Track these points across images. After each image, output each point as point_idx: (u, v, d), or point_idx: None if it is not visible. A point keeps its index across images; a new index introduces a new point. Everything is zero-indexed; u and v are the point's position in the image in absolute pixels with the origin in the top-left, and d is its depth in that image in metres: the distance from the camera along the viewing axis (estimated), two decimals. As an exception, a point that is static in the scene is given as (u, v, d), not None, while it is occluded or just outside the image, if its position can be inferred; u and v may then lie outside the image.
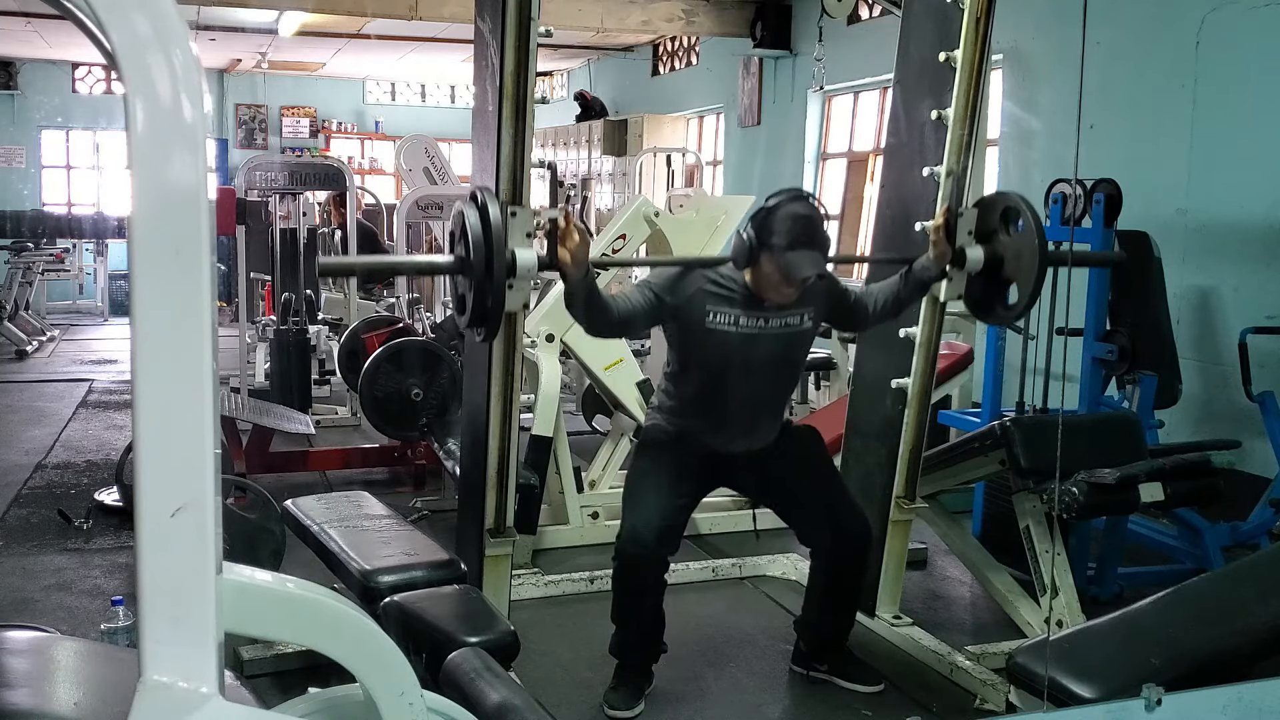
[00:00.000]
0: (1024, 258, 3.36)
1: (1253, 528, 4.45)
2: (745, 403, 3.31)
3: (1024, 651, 2.71)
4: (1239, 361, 4.72)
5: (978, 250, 3.44)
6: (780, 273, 3.10)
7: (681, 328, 3.26)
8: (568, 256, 2.91)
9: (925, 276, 3.41)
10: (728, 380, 3.27)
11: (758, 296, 3.20)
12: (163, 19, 0.99)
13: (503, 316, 2.97)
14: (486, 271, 2.86)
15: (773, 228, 3.09)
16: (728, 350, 3.22)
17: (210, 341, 1.04)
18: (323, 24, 10.89)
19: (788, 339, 3.29)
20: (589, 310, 3.07)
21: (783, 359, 3.33)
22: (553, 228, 2.92)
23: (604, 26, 9.91)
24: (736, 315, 3.20)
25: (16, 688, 1.54)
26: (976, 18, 3.47)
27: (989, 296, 3.53)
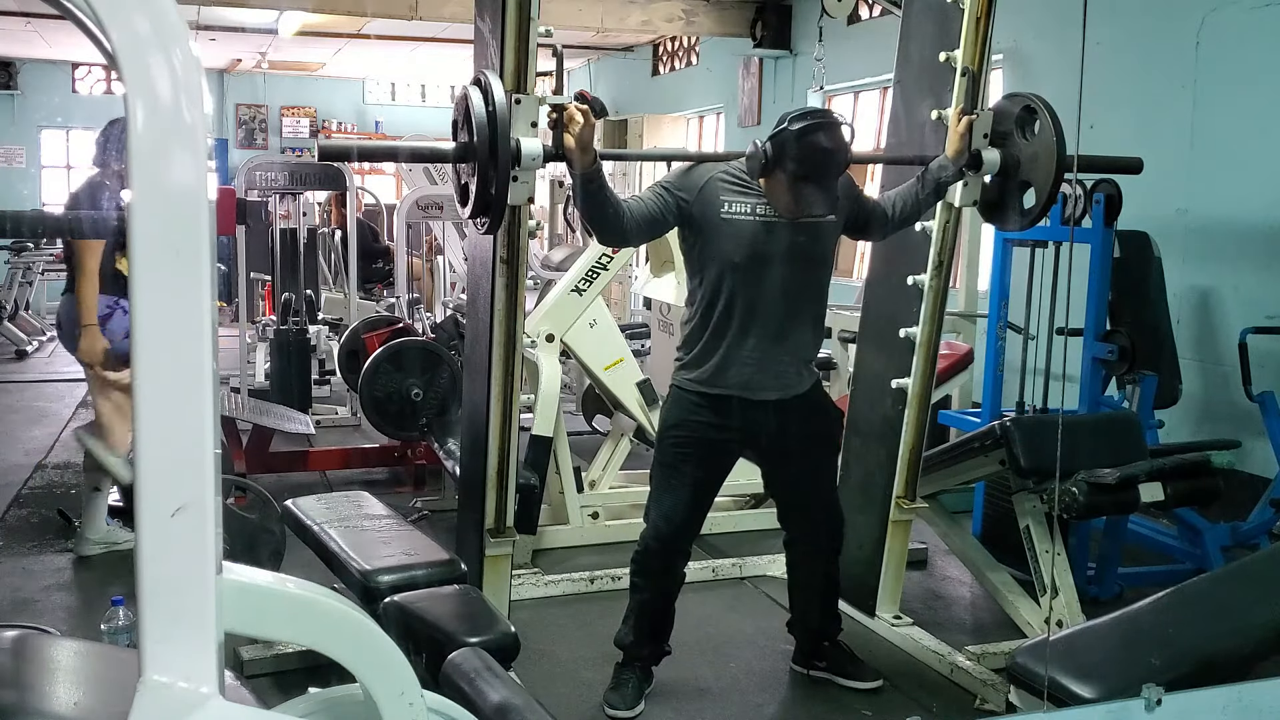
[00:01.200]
0: (1041, 159, 3.28)
1: (1253, 528, 4.45)
2: (772, 309, 3.11)
3: (1024, 651, 2.71)
4: (1239, 361, 4.72)
5: (994, 153, 3.37)
6: (791, 200, 3.00)
7: (696, 224, 3.09)
8: (573, 143, 2.81)
9: (942, 176, 3.32)
10: (751, 280, 3.08)
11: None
12: (163, 19, 0.99)
13: (506, 208, 2.86)
14: (490, 158, 2.76)
15: (791, 154, 2.96)
16: (747, 241, 3.05)
17: (210, 342, 1.04)
18: (323, 24, 10.90)
19: (809, 229, 3.10)
20: (600, 205, 2.91)
21: (806, 253, 3.13)
22: (558, 115, 2.82)
23: (604, 26, 9.92)
24: (753, 204, 3.06)
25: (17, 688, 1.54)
26: (976, 18, 3.47)
27: (1005, 200, 3.45)
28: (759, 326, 3.13)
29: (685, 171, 3.14)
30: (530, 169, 2.88)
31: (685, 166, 3.18)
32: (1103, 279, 4.46)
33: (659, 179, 3.21)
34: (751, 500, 5.10)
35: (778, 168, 3.00)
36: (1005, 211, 3.48)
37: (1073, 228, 4.50)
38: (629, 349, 5.05)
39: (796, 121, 2.99)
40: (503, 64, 3.04)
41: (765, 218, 3.08)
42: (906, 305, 3.71)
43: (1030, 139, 3.35)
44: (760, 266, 3.08)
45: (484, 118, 2.77)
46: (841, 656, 3.56)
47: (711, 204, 3.07)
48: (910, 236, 3.68)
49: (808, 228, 3.11)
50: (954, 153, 3.32)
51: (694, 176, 3.11)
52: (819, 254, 3.20)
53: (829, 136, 2.99)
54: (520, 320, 3.24)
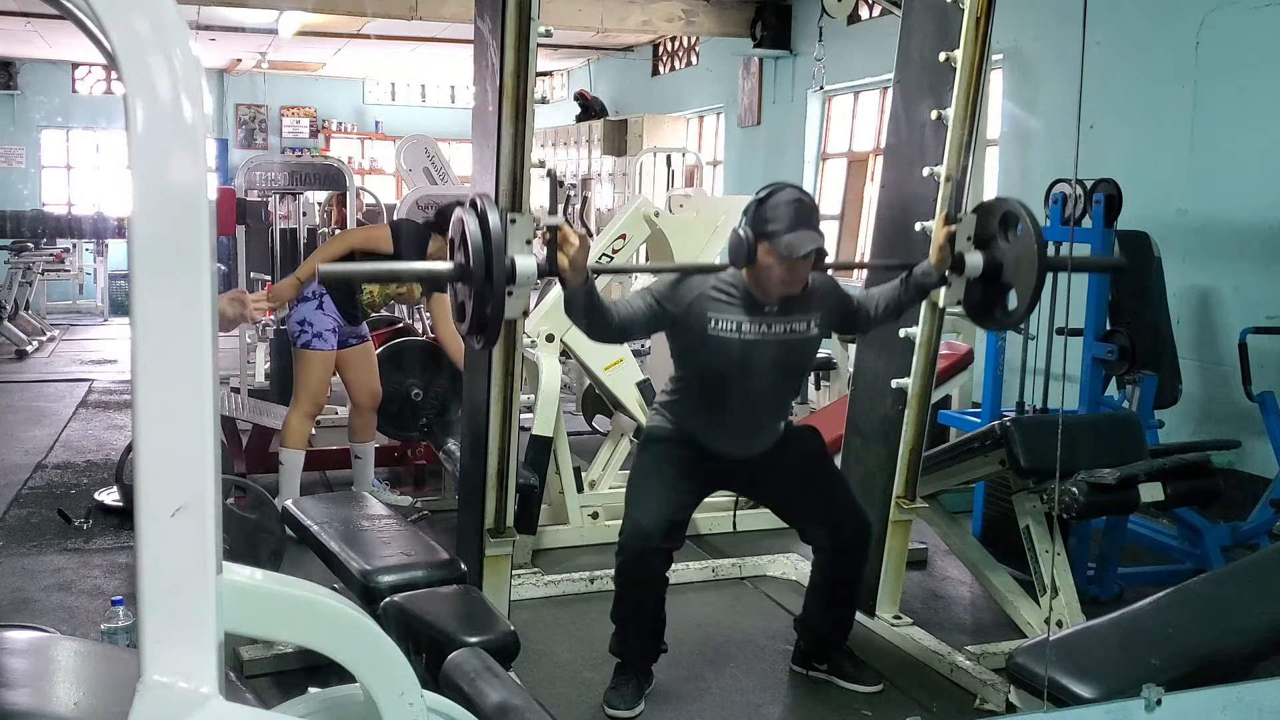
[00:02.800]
0: (1023, 263, 3.35)
1: (1253, 528, 4.45)
2: (748, 409, 3.29)
3: (1024, 651, 2.71)
4: (1239, 361, 4.72)
5: (977, 256, 3.42)
6: (779, 258, 3.07)
7: (684, 334, 3.24)
8: (567, 263, 2.90)
9: (926, 282, 3.40)
10: (731, 386, 3.24)
11: (760, 299, 3.18)
12: (163, 19, 0.99)
13: (502, 324, 2.95)
14: (486, 279, 2.84)
15: (766, 215, 3.08)
16: (730, 356, 3.20)
17: (210, 341, 1.04)
18: (323, 24, 10.89)
19: (791, 345, 3.26)
20: (589, 317, 3.06)
21: (786, 365, 3.31)
22: (552, 234, 2.92)
23: (604, 26, 9.92)
24: (739, 321, 3.18)
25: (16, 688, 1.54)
26: (976, 18, 3.47)
27: (988, 302, 3.50)
28: (735, 415, 3.31)
29: (675, 283, 3.25)
30: (526, 286, 2.98)
31: (674, 279, 3.28)
32: (1103, 279, 4.46)
33: (650, 287, 3.30)
34: (752, 500, 5.09)
35: (759, 237, 3.10)
36: (989, 312, 3.53)
37: (1073, 228, 4.50)
38: (629, 349, 5.04)
39: (761, 191, 3.16)
40: (502, 64, 3.04)
41: (750, 335, 3.20)
42: (906, 305, 3.71)
43: (1012, 241, 3.39)
44: (743, 377, 3.23)
45: (479, 240, 2.87)
46: (842, 658, 3.56)
47: (699, 319, 3.19)
48: (910, 236, 3.68)
49: (791, 342, 3.26)
50: (937, 261, 3.37)
51: (683, 290, 3.22)
52: (799, 365, 3.41)
53: (794, 190, 3.16)
54: (520, 320, 3.24)
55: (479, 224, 2.88)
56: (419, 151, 9.60)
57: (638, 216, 4.96)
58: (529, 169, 3.14)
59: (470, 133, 3.37)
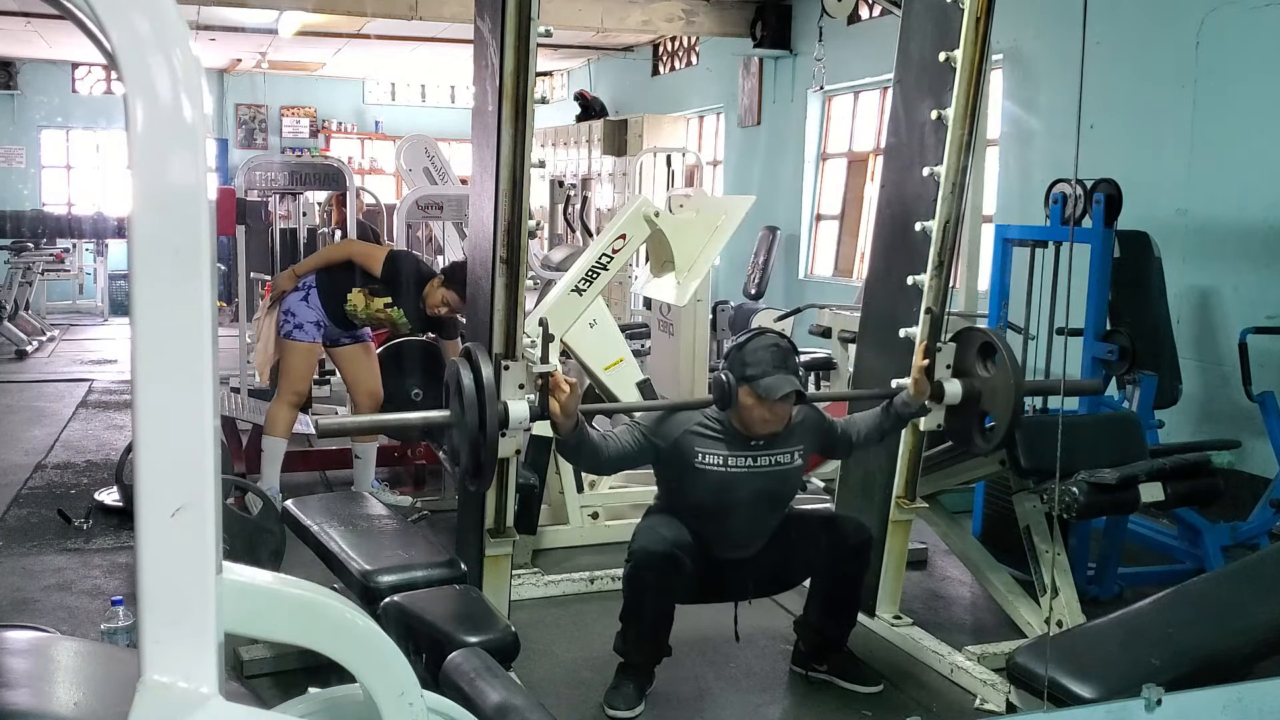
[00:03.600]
0: (1000, 393, 3.49)
1: (1253, 528, 4.45)
2: (737, 533, 3.39)
3: (1024, 651, 2.71)
4: (1239, 361, 4.72)
5: (956, 385, 3.56)
6: (759, 400, 3.18)
7: (671, 468, 3.34)
8: (558, 408, 3.03)
9: (906, 412, 3.52)
10: (719, 516, 3.34)
11: (744, 434, 3.28)
12: (163, 19, 0.99)
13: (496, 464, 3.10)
14: (480, 428, 2.99)
15: (745, 360, 3.20)
16: (718, 489, 3.29)
17: (210, 341, 1.04)
18: (323, 24, 10.90)
19: (777, 476, 3.35)
20: (581, 456, 3.22)
21: (772, 494, 3.40)
22: (544, 381, 3.05)
23: (604, 26, 9.92)
24: (725, 455, 3.29)
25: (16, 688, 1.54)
26: (976, 18, 3.47)
27: (967, 427, 3.64)
28: (724, 542, 3.39)
29: (661, 420, 3.36)
30: (518, 429, 3.13)
31: (660, 415, 3.40)
32: (1103, 279, 4.46)
33: (638, 422, 3.41)
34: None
35: (740, 381, 3.20)
36: (969, 435, 3.65)
37: (1073, 228, 4.50)
38: (629, 349, 5.04)
39: (739, 338, 3.31)
40: (502, 64, 3.04)
41: (737, 469, 3.30)
42: (906, 305, 3.71)
43: (990, 371, 3.50)
44: (730, 506, 3.33)
45: (473, 392, 3.02)
46: (842, 658, 3.56)
47: (686, 454, 3.29)
48: (910, 236, 3.68)
49: (776, 474, 3.35)
50: (916, 392, 3.48)
51: (669, 426, 3.32)
52: (785, 494, 3.47)
53: (770, 336, 3.30)
54: (520, 320, 3.25)
55: (473, 375, 3.02)
56: (419, 151, 9.61)
57: (638, 216, 4.95)
58: (529, 169, 3.14)
59: (470, 133, 3.37)
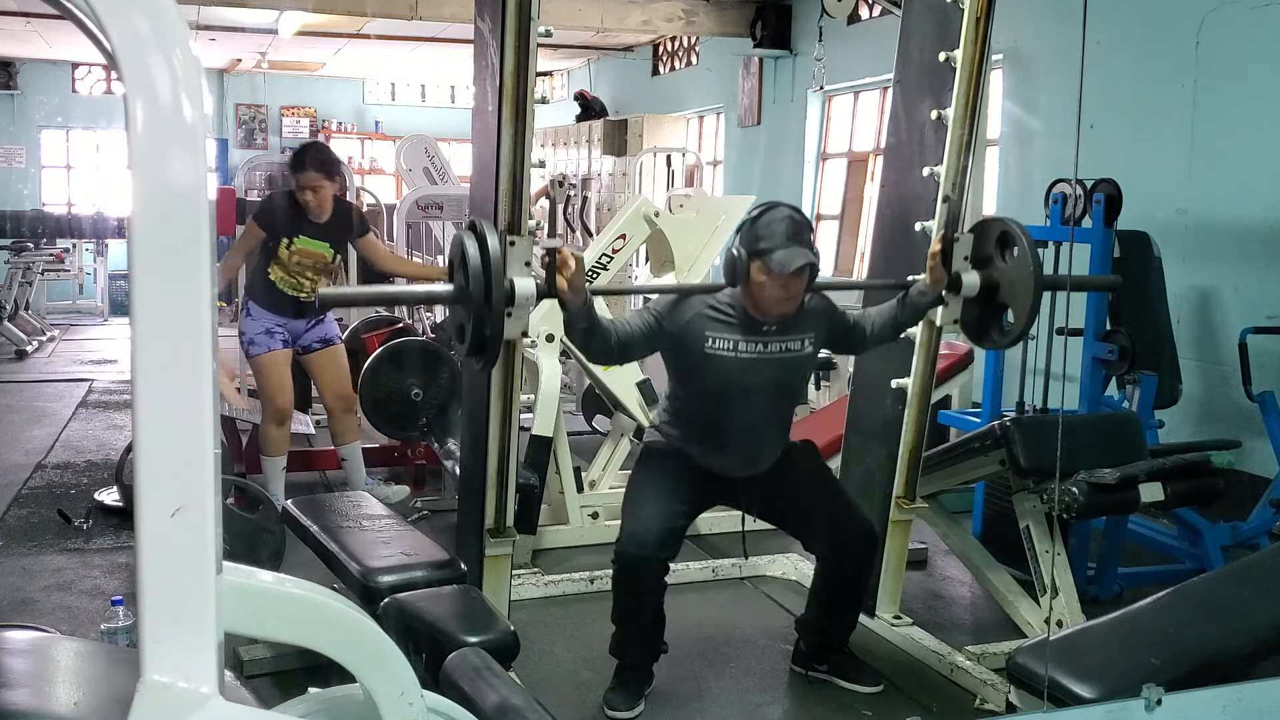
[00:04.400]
0: (1019, 283, 3.38)
1: (1253, 528, 4.45)
2: (746, 427, 3.31)
3: (1024, 651, 2.71)
4: (1239, 361, 4.72)
5: (973, 276, 3.47)
6: (772, 275, 3.10)
7: (681, 354, 3.28)
8: (565, 285, 2.94)
9: (922, 302, 3.44)
10: (728, 405, 3.27)
11: (756, 317, 3.21)
12: (163, 19, 0.99)
13: (501, 345, 2.98)
14: (485, 300, 2.88)
15: (758, 234, 3.12)
16: (727, 375, 3.23)
17: (210, 341, 1.04)
18: (323, 24, 10.89)
19: (787, 363, 3.29)
20: (588, 337, 3.10)
21: (782, 383, 3.33)
22: (551, 256, 2.95)
23: (604, 26, 9.91)
24: (735, 340, 3.21)
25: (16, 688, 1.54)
26: (976, 18, 3.47)
27: (985, 321, 3.54)
28: (733, 435, 3.32)
29: (673, 304, 3.29)
30: (525, 307, 3.02)
31: (673, 298, 3.32)
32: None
33: (649, 306, 3.35)
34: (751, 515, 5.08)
35: (752, 255, 3.13)
36: (986, 330, 3.57)
37: (1073, 228, 4.50)
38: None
39: (753, 211, 3.20)
40: (502, 64, 3.04)
41: (747, 354, 3.23)
42: (906, 305, 3.71)
43: (1009, 262, 3.41)
44: (740, 395, 3.26)
45: (479, 263, 2.90)
46: (842, 658, 3.56)
47: (697, 338, 3.22)
48: (910, 236, 3.68)
49: (787, 361, 3.28)
50: (933, 281, 3.41)
51: (681, 310, 3.26)
52: (795, 383, 3.44)
53: (786, 208, 3.18)
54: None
55: (478, 247, 2.91)
56: (419, 151, 9.60)
57: (638, 216, 4.96)
58: (529, 169, 3.14)
59: (470, 133, 3.37)
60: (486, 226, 2.93)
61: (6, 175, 14.52)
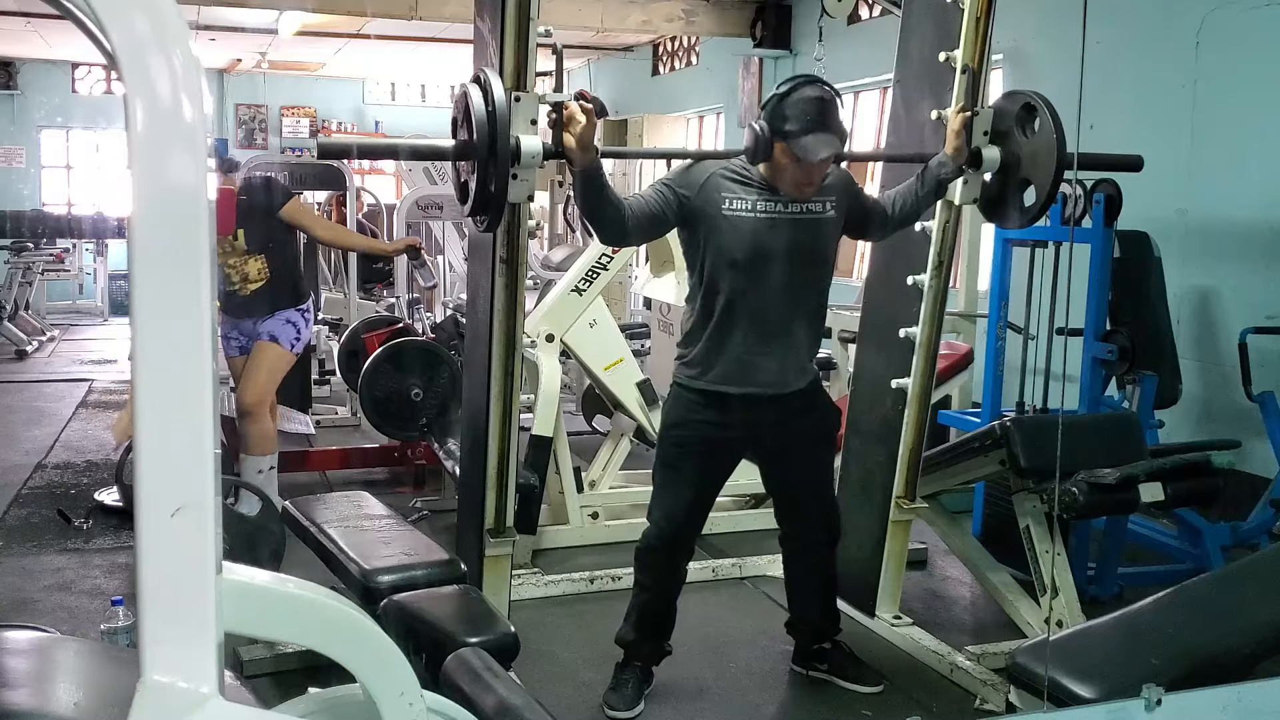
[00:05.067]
0: (1041, 157, 3.27)
1: (1253, 528, 4.45)
2: (772, 305, 3.11)
3: (1024, 651, 2.70)
4: (1239, 361, 4.72)
5: (994, 150, 3.37)
6: (795, 159, 2.96)
7: (697, 221, 3.08)
8: (573, 142, 2.79)
9: (942, 174, 3.31)
10: (752, 275, 3.07)
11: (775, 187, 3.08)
12: (163, 19, 0.99)
13: (506, 206, 2.85)
14: (490, 156, 2.75)
15: (785, 114, 2.95)
16: (748, 238, 3.04)
17: (210, 341, 1.04)
18: (323, 24, 10.89)
19: (810, 225, 3.11)
20: (600, 203, 2.90)
21: (807, 249, 3.12)
22: (558, 113, 2.80)
23: (604, 26, 9.91)
24: (754, 200, 3.05)
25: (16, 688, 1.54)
26: (976, 18, 3.47)
27: (1004, 198, 3.44)
28: (759, 323, 3.12)
29: (686, 169, 3.14)
30: (530, 166, 2.88)
31: (686, 164, 3.18)
32: (1103, 279, 4.45)
33: (660, 177, 3.21)
34: (751, 500, 5.10)
35: (776, 137, 2.98)
36: (1005, 209, 3.48)
37: (1073, 228, 4.50)
38: (629, 349, 5.05)
39: (783, 86, 3.03)
40: (502, 64, 3.04)
41: (767, 214, 3.07)
42: (906, 305, 3.71)
43: (1030, 137, 3.35)
44: (761, 263, 3.07)
45: (484, 115, 2.77)
46: (842, 658, 3.56)
47: (713, 200, 3.06)
48: (910, 236, 3.68)
49: (809, 224, 3.12)
50: (953, 150, 3.31)
51: (695, 173, 3.10)
52: (820, 251, 3.19)
53: (817, 87, 3.01)
54: (520, 320, 3.24)
55: (483, 99, 2.77)
56: (419, 151, 9.58)
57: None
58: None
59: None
60: (492, 77, 2.78)
61: (6, 175, 14.51)
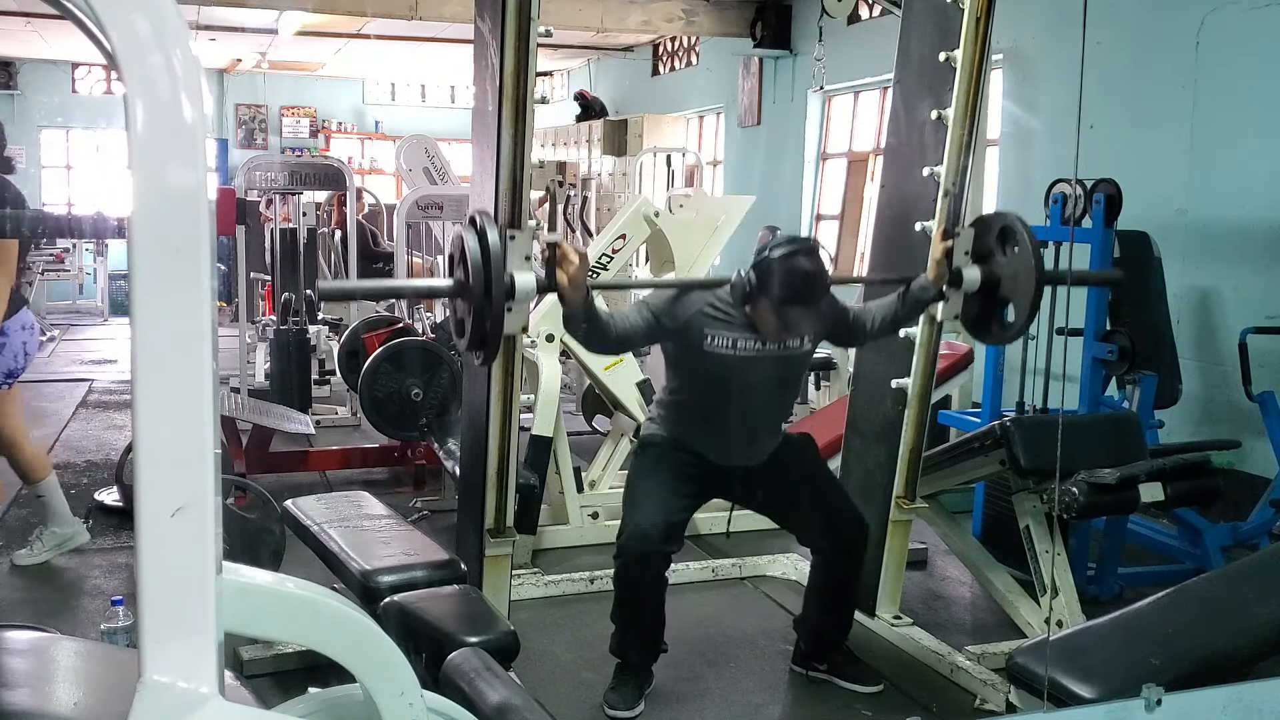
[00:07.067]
0: (1020, 278, 3.37)
1: (1253, 528, 4.45)
2: (743, 421, 3.33)
3: (1024, 651, 2.71)
4: (1239, 361, 4.72)
5: (974, 270, 3.45)
6: (776, 322, 3.14)
7: (680, 349, 3.28)
8: (565, 280, 2.93)
9: (923, 297, 3.43)
10: (726, 400, 3.28)
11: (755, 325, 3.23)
12: (163, 19, 0.99)
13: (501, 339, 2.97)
14: (485, 295, 2.86)
15: (773, 279, 3.09)
16: (726, 372, 3.24)
17: (210, 341, 1.04)
18: (323, 24, 10.89)
19: (786, 360, 3.30)
20: (588, 332, 3.11)
21: (781, 379, 3.35)
22: (551, 252, 2.94)
23: (604, 26, 9.92)
24: (734, 338, 3.22)
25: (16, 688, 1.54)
26: (976, 18, 3.47)
27: (985, 316, 3.52)
28: (732, 430, 3.32)
29: (673, 300, 3.28)
30: (525, 301, 3.00)
31: (672, 294, 3.32)
32: (1103, 279, 4.45)
33: (647, 301, 3.31)
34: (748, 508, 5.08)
35: (762, 294, 3.12)
36: (987, 326, 3.56)
37: (1073, 228, 4.50)
38: (629, 349, 5.04)
39: (777, 249, 3.12)
40: (502, 64, 3.04)
41: (746, 352, 3.23)
42: (906, 305, 3.70)
43: (1010, 256, 3.41)
44: (738, 389, 3.26)
45: (479, 257, 2.89)
46: (843, 658, 3.56)
47: (696, 335, 3.22)
48: (910, 236, 3.68)
49: (786, 358, 3.29)
50: (935, 276, 3.40)
51: (681, 307, 3.25)
52: (794, 378, 3.45)
53: (809, 260, 3.13)
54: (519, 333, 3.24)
55: (478, 241, 2.90)
56: (419, 151, 9.61)
57: (638, 216, 4.96)
58: (529, 169, 3.14)
59: (470, 133, 3.37)
60: (487, 220, 2.92)
61: (6, 175, 14.51)
